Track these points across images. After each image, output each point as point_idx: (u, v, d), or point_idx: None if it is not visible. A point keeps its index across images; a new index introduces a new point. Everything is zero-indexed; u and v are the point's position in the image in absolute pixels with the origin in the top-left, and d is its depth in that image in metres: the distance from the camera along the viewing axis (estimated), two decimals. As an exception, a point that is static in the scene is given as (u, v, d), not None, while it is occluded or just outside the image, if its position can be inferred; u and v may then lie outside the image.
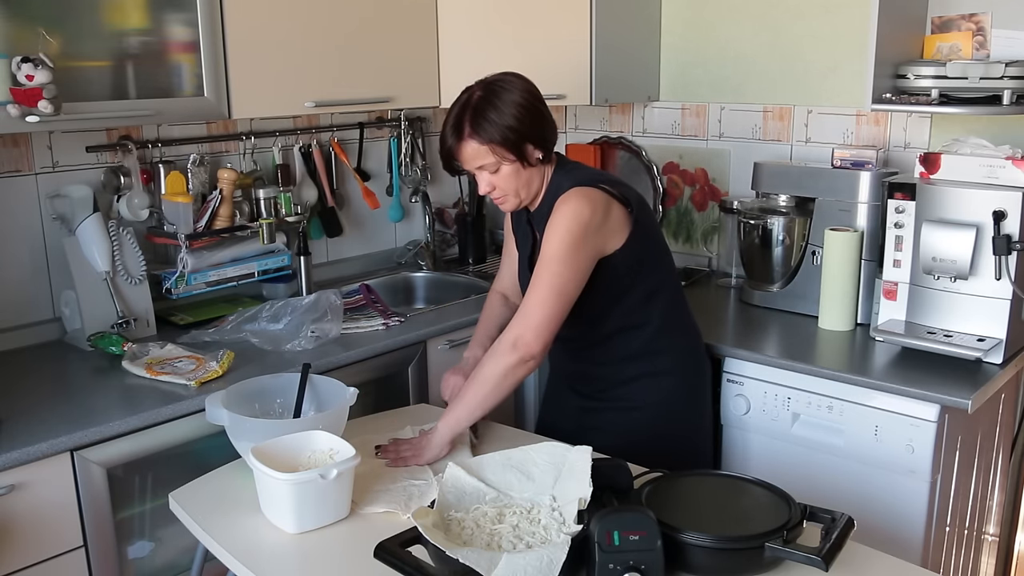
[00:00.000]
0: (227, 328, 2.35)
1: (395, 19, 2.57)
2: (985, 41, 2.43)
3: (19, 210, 2.26)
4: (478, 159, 1.85)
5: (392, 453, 1.81)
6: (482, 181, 1.90)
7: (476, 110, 1.83)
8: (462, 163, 1.88)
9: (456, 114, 1.85)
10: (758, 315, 2.60)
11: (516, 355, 1.81)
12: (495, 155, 1.84)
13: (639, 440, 1.96)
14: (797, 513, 1.40)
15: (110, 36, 2.05)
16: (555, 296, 1.83)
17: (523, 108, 1.84)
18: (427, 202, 3.11)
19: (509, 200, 1.93)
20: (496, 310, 2.19)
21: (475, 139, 1.83)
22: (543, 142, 1.89)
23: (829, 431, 2.17)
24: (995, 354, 2.10)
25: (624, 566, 1.27)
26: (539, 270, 1.85)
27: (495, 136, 1.82)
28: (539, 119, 1.88)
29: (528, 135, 1.85)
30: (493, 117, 1.82)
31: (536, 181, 1.93)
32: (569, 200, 1.85)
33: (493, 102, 1.83)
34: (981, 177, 2.12)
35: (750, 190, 2.72)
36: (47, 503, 1.77)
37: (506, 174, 1.87)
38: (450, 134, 1.86)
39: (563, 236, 1.83)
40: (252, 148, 2.67)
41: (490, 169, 1.87)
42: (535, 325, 1.82)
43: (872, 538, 1.52)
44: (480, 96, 1.84)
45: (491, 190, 1.91)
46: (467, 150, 1.85)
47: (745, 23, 2.92)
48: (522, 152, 1.85)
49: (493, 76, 1.89)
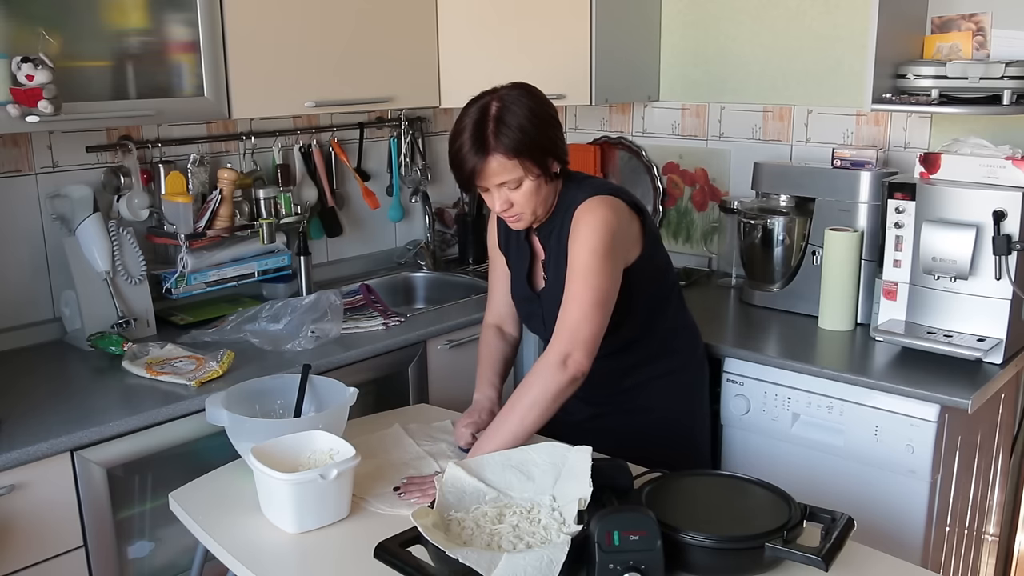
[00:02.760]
0: (227, 328, 2.35)
1: (395, 19, 2.57)
2: (985, 41, 2.43)
3: (19, 210, 2.27)
4: (503, 175, 1.74)
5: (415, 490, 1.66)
6: (497, 199, 1.78)
7: (498, 122, 1.71)
8: (483, 180, 1.75)
9: (474, 128, 1.73)
10: (758, 315, 2.60)
11: (567, 374, 1.71)
12: (522, 168, 1.73)
13: (646, 442, 1.95)
14: (797, 513, 1.40)
15: (110, 36, 2.05)
16: (597, 308, 1.75)
17: (542, 119, 1.76)
18: (427, 202, 3.11)
19: (525, 218, 1.82)
20: (495, 345, 2.07)
21: (501, 152, 1.71)
22: (561, 154, 1.81)
23: (829, 431, 2.17)
24: (995, 354, 2.10)
25: (624, 566, 1.27)
26: (574, 284, 1.76)
27: (522, 148, 1.71)
28: (557, 129, 1.80)
29: (549, 147, 1.77)
30: (516, 126, 1.71)
31: (551, 197, 1.84)
32: (593, 209, 1.78)
33: (515, 112, 1.72)
34: (981, 177, 2.12)
35: (750, 190, 2.72)
36: (47, 503, 1.77)
37: (527, 190, 1.77)
38: (472, 151, 1.72)
39: (595, 246, 1.75)
40: (252, 148, 2.67)
41: (511, 186, 1.76)
42: (583, 340, 1.73)
43: (872, 538, 1.52)
44: (499, 108, 1.73)
45: (507, 208, 1.79)
46: (492, 165, 1.72)
47: (745, 23, 2.92)
48: (546, 165, 1.76)
49: (502, 88, 1.78)
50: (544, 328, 1.94)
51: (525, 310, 2.03)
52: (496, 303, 2.10)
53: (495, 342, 2.08)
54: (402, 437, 1.89)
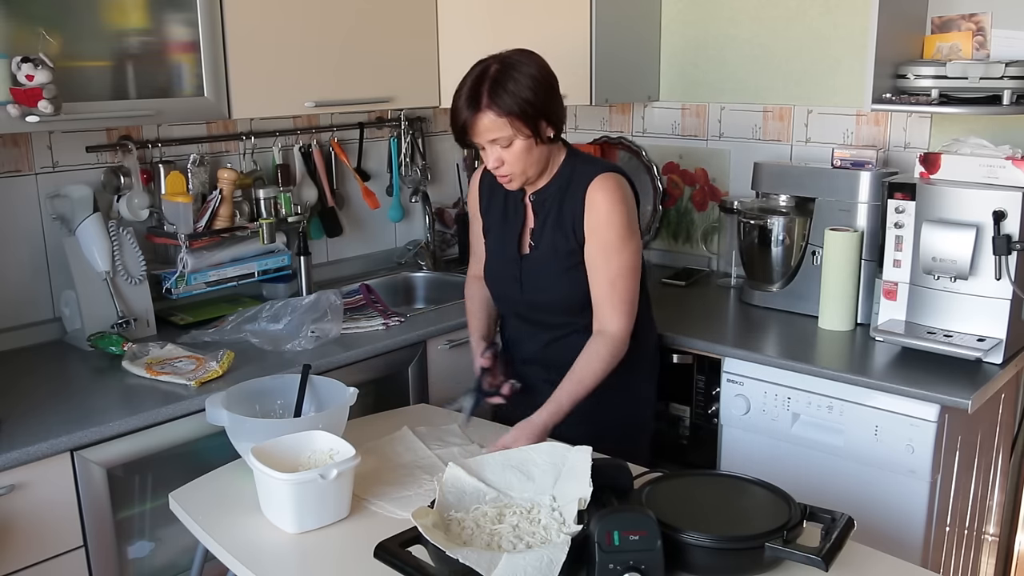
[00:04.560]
0: (227, 328, 2.35)
1: (395, 19, 2.57)
2: (985, 41, 2.43)
3: (19, 210, 2.27)
4: (493, 132, 1.83)
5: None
6: (491, 155, 1.87)
7: (495, 81, 1.81)
8: (475, 135, 1.85)
9: (472, 85, 1.83)
10: (758, 315, 2.60)
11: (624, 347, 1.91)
12: (512, 128, 1.82)
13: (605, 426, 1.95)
14: (797, 513, 1.40)
15: (110, 36, 2.05)
16: (634, 278, 1.92)
17: (540, 83, 1.84)
18: (427, 202, 3.11)
19: (516, 178, 1.91)
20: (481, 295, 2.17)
21: (492, 110, 1.80)
22: (556, 120, 1.89)
23: (829, 431, 2.17)
24: (995, 354, 2.10)
25: (624, 566, 1.27)
26: (608, 258, 1.90)
27: (513, 108, 1.80)
28: (554, 96, 1.88)
29: (543, 111, 1.84)
30: (512, 89, 1.80)
31: (543, 161, 1.92)
32: (609, 184, 1.90)
33: (511, 74, 1.81)
34: (981, 177, 2.12)
35: (750, 190, 2.72)
36: (47, 503, 1.77)
37: (518, 150, 1.85)
38: (465, 105, 1.83)
39: (621, 218, 1.89)
40: (252, 148, 2.67)
41: (502, 143, 1.84)
42: (630, 313, 1.91)
43: (872, 538, 1.52)
44: (497, 68, 1.82)
45: (499, 166, 1.88)
46: (483, 121, 1.82)
47: (745, 23, 2.92)
48: (537, 127, 1.84)
49: (507, 52, 1.88)
50: (520, 290, 2.03)
51: (502, 271, 2.07)
52: (480, 257, 2.18)
53: (481, 292, 2.18)
54: (412, 440, 1.89)
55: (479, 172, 2.13)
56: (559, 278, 1.98)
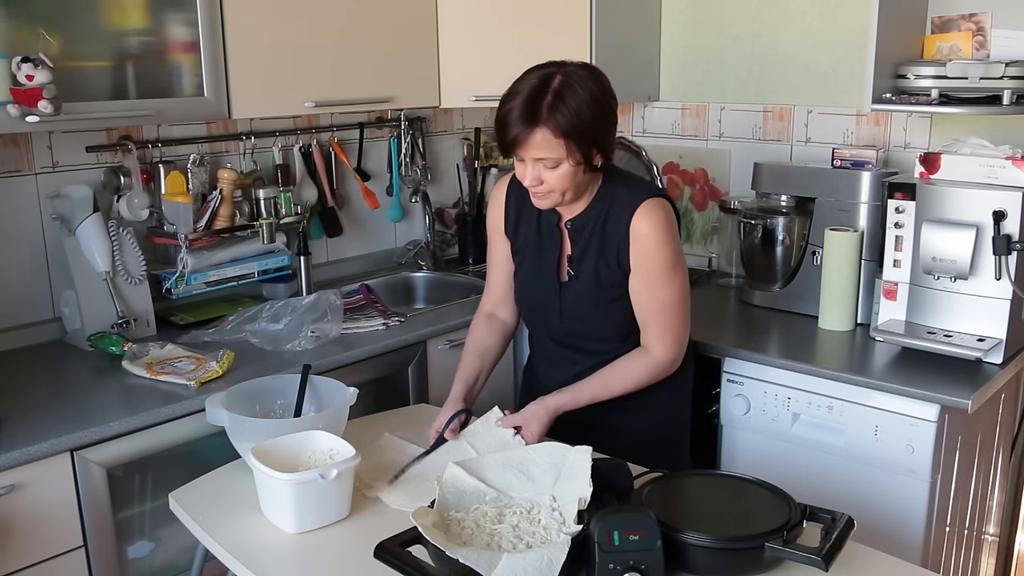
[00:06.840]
0: (227, 328, 2.35)
1: (395, 19, 2.57)
2: (985, 41, 2.43)
3: (19, 210, 2.26)
4: (544, 151, 1.67)
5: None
6: (530, 172, 1.71)
7: (557, 96, 1.64)
8: (523, 151, 1.69)
9: (529, 95, 1.65)
10: (758, 315, 2.60)
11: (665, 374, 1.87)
12: (564, 150, 1.66)
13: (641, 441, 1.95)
14: (797, 513, 1.40)
15: (110, 36, 2.05)
16: (683, 308, 1.85)
17: (601, 107, 1.70)
18: (427, 202, 3.11)
19: (552, 197, 1.76)
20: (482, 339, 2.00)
21: (549, 128, 1.64)
22: (609, 149, 1.77)
23: (829, 431, 2.17)
24: (995, 354, 2.10)
25: (624, 566, 1.27)
26: (659, 287, 1.81)
27: (572, 131, 1.65)
28: (612, 122, 1.76)
29: (599, 138, 1.71)
30: (574, 109, 1.64)
31: (584, 187, 1.80)
32: (655, 213, 1.78)
33: (576, 92, 1.65)
34: (981, 177, 2.12)
35: (750, 190, 2.72)
36: (47, 503, 1.77)
37: (562, 173, 1.70)
38: (521, 118, 1.65)
39: (669, 248, 1.80)
40: (252, 148, 2.67)
41: (548, 164, 1.69)
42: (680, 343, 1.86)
43: (872, 538, 1.52)
44: (562, 82, 1.66)
45: (538, 184, 1.73)
46: (537, 137, 1.65)
47: (745, 23, 2.92)
48: (590, 154, 1.71)
49: (571, 63, 1.72)
50: (560, 319, 1.92)
51: (539, 301, 1.95)
52: (495, 288, 2.03)
53: (484, 335, 2.01)
54: (398, 442, 1.87)
55: (503, 184, 1.98)
56: (603, 308, 1.88)
